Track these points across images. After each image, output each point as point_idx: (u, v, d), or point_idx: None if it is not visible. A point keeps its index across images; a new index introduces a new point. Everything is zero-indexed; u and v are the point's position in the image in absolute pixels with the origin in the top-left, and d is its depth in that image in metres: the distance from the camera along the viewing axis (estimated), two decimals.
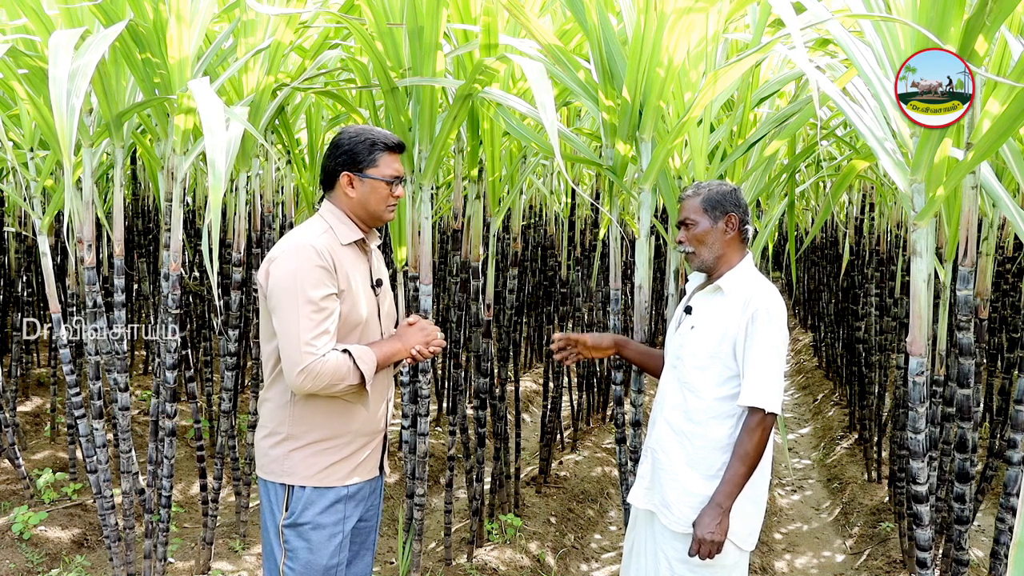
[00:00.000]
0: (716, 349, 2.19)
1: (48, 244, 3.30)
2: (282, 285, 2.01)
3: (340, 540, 2.12)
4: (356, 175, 2.13)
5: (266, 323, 2.11)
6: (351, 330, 2.10)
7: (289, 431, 2.10)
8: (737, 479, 2.11)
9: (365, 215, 2.17)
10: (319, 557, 2.09)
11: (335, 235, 2.12)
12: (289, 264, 2.02)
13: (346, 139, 2.15)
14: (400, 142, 2.20)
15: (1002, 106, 1.95)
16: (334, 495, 2.11)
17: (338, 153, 2.14)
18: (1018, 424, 2.56)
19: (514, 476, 4.30)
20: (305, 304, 1.98)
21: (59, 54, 2.17)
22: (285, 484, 2.10)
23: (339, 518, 2.12)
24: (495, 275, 3.74)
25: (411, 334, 2.21)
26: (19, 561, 3.44)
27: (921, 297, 2.10)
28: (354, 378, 2.03)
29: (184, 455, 4.83)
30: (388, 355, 2.14)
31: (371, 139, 2.14)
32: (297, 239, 2.07)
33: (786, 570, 4.03)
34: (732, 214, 2.24)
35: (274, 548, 2.13)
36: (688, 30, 2.42)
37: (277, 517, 2.11)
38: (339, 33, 3.28)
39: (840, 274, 6.33)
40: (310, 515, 2.08)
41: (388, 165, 2.15)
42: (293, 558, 2.09)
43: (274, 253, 2.08)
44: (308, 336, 1.96)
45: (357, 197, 2.14)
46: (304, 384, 1.98)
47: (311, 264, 2.00)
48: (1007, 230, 3.99)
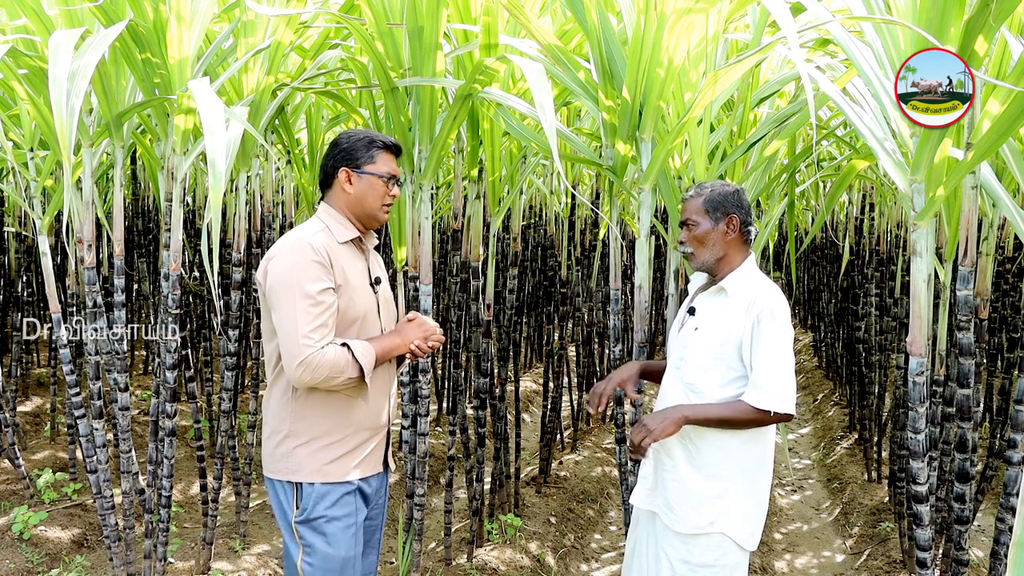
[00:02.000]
0: (720, 350, 2.19)
1: (48, 244, 3.30)
2: (280, 281, 2.05)
3: (355, 531, 2.15)
4: (354, 171, 2.17)
5: (267, 322, 2.14)
6: (349, 325, 2.13)
7: (291, 428, 2.12)
8: (711, 414, 2.14)
9: (362, 213, 2.20)
10: (337, 549, 2.12)
11: (331, 234, 2.15)
12: (286, 261, 2.06)
13: (344, 138, 2.21)
14: (397, 143, 2.26)
15: (1002, 106, 1.95)
16: (343, 489, 2.14)
17: (337, 151, 2.20)
18: (1018, 424, 2.56)
19: (514, 476, 4.30)
20: (302, 298, 2.01)
21: (59, 54, 2.18)
22: (293, 482, 2.13)
23: (351, 510, 2.15)
24: (495, 275, 3.74)
25: (410, 330, 2.23)
26: (19, 561, 3.44)
27: (921, 297, 2.10)
28: (353, 371, 2.06)
29: (184, 455, 4.83)
30: (387, 349, 2.16)
31: (369, 138, 2.20)
32: (294, 237, 2.12)
33: (786, 570, 4.03)
34: (734, 215, 2.23)
35: (290, 546, 2.16)
36: (688, 30, 2.42)
37: (289, 515, 2.14)
38: (339, 33, 3.28)
39: (840, 274, 6.33)
40: (322, 509, 2.11)
41: (385, 163, 2.20)
42: (311, 553, 2.12)
43: (272, 252, 2.12)
44: (306, 329, 2.00)
45: (354, 193, 2.18)
46: (303, 376, 2.00)
47: (307, 259, 2.04)
48: (1007, 230, 3.99)
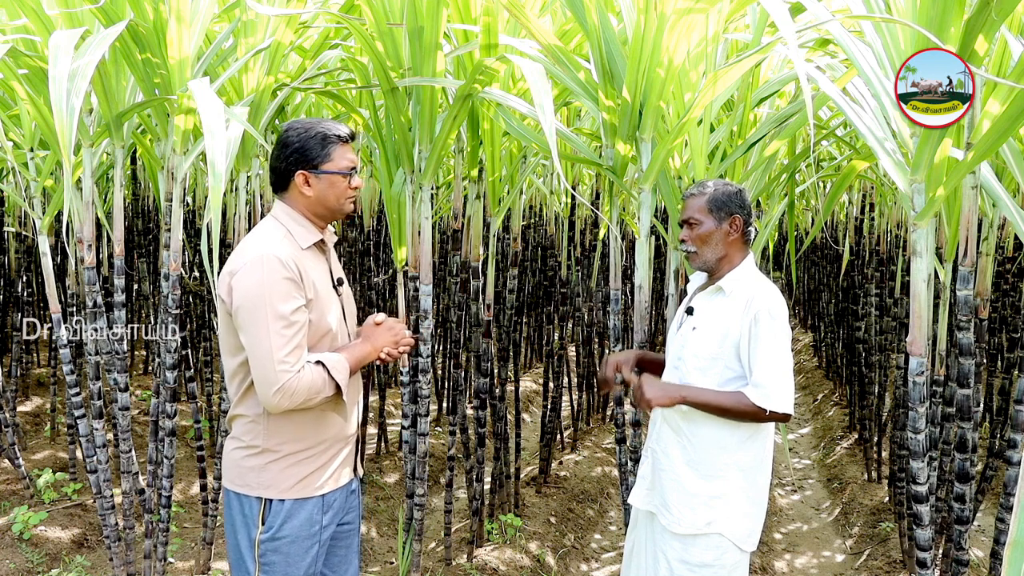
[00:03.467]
0: (718, 350, 2.19)
1: (48, 244, 3.30)
2: (249, 300, 1.88)
3: (317, 550, 2.06)
4: (311, 172, 2.00)
5: (228, 337, 1.98)
6: (320, 338, 2.01)
7: (264, 444, 2.00)
8: (710, 399, 2.15)
9: (324, 211, 2.05)
10: (296, 569, 2.02)
11: (294, 240, 2.00)
12: (253, 278, 1.89)
13: (294, 136, 2.00)
14: (352, 132, 2.08)
15: (1002, 106, 1.95)
16: (312, 505, 2.04)
17: (288, 152, 2.00)
18: (1018, 424, 2.56)
19: (514, 476, 4.30)
20: (275, 320, 1.87)
21: (59, 54, 2.17)
22: (261, 498, 2.00)
23: (317, 529, 2.05)
24: (495, 275, 3.74)
25: (379, 335, 2.12)
26: (19, 561, 3.44)
27: (921, 297, 2.10)
28: (330, 389, 1.96)
29: (184, 455, 4.83)
30: (359, 359, 2.06)
31: (321, 133, 2.01)
32: (258, 249, 1.93)
33: (786, 570, 4.03)
34: (737, 216, 2.23)
35: (246, 562, 2.02)
36: (688, 30, 2.42)
37: (252, 532, 2.01)
38: (339, 33, 3.28)
39: (840, 274, 6.33)
40: (289, 528, 2.00)
41: (343, 157, 2.02)
42: (269, 571, 2.01)
43: (234, 265, 1.93)
44: (281, 354, 1.86)
45: (315, 195, 2.01)
46: (281, 403, 1.88)
47: (277, 276, 1.89)
48: (1007, 230, 3.99)
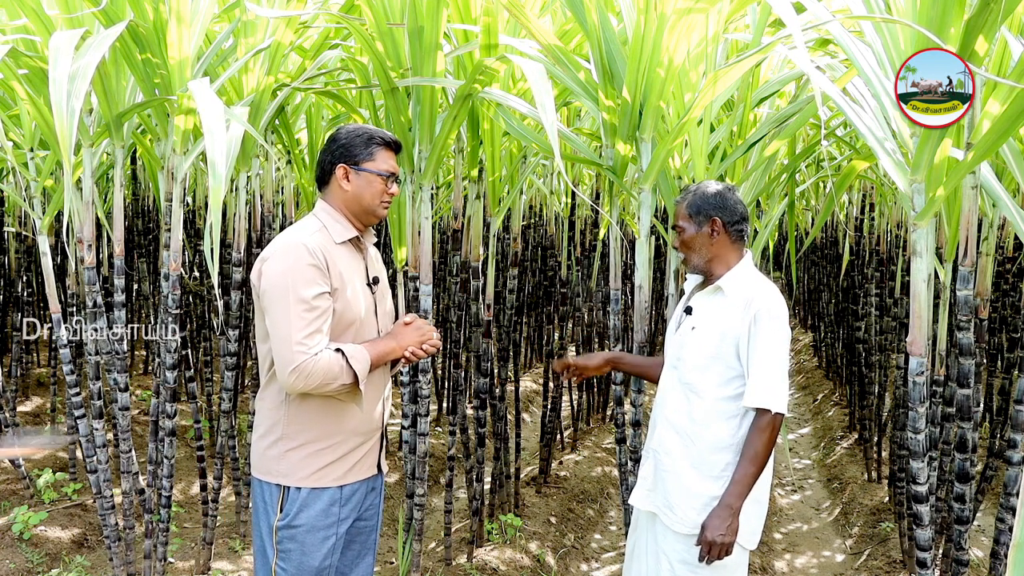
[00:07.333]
0: (717, 350, 2.19)
1: (48, 244, 3.30)
2: (274, 284, 1.99)
3: (333, 542, 2.11)
4: (352, 168, 2.12)
5: (261, 323, 2.08)
6: (345, 328, 2.08)
7: (284, 431, 2.08)
8: (747, 479, 2.11)
9: (360, 210, 2.14)
10: (311, 559, 2.08)
11: (328, 233, 2.10)
12: (281, 263, 2.00)
13: (343, 134, 2.15)
14: (397, 140, 2.20)
15: (1002, 106, 1.95)
16: (329, 497, 2.09)
17: (335, 147, 2.14)
18: (1018, 424, 2.56)
19: (514, 476, 4.30)
20: (297, 303, 1.96)
21: (59, 55, 2.17)
22: (280, 485, 2.08)
23: (333, 520, 2.10)
24: (495, 275, 3.74)
25: (406, 333, 2.17)
26: (19, 561, 3.44)
27: (921, 297, 2.10)
28: (347, 377, 2.01)
29: (184, 455, 4.83)
30: (382, 354, 2.11)
31: (368, 134, 2.14)
32: (289, 238, 2.06)
33: (786, 570, 4.03)
34: (716, 218, 2.22)
35: (266, 547, 2.11)
36: (688, 30, 2.42)
37: (271, 518, 2.10)
38: (339, 33, 3.27)
39: (840, 274, 6.32)
40: (305, 517, 2.07)
41: (384, 160, 2.14)
42: (286, 559, 2.08)
43: (266, 253, 2.05)
44: (299, 335, 1.94)
45: (352, 190, 2.12)
46: (296, 383, 1.96)
47: (303, 263, 1.99)
48: (1007, 230, 3.99)
